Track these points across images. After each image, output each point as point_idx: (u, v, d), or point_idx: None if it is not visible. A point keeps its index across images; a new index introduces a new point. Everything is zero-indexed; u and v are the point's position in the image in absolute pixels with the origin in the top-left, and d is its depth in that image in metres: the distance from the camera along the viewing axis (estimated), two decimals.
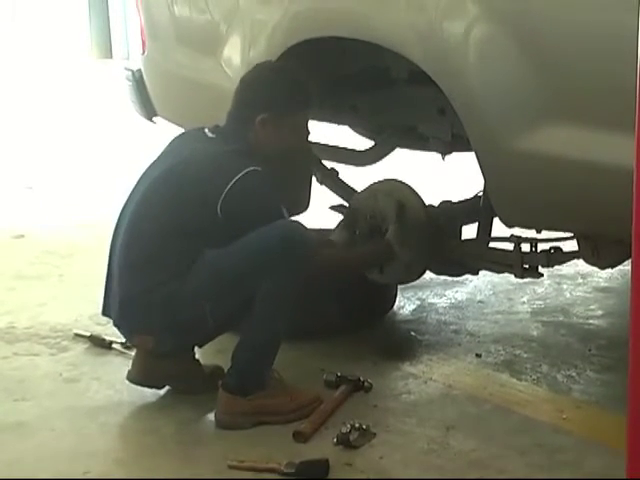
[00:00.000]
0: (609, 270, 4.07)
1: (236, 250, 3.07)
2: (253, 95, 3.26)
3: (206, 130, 3.29)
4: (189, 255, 3.09)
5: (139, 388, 3.33)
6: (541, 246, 3.44)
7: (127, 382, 3.34)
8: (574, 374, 3.46)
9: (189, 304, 3.09)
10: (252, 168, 3.10)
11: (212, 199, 3.08)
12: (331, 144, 3.99)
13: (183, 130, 3.58)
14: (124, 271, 3.19)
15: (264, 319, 3.07)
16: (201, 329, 3.22)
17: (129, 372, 3.31)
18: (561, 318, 4.02)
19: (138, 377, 3.29)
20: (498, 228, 3.50)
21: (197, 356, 3.37)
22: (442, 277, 4.17)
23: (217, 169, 3.14)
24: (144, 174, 3.33)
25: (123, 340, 3.70)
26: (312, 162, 3.83)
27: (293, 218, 3.31)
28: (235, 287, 3.09)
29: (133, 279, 3.17)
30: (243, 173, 3.08)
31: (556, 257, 3.44)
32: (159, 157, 3.35)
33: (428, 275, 3.95)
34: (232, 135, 3.24)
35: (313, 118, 3.48)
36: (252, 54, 3.76)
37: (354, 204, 3.72)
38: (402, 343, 3.81)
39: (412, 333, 3.87)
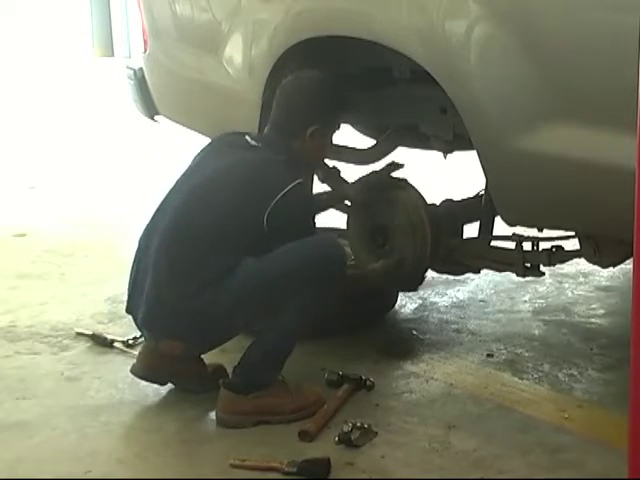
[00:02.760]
0: (611, 269, 4.06)
1: (276, 265, 3.07)
2: (301, 107, 3.27)
3: (248, 138, 3.29)
4: (227, 264, 3.07)
5: (141, 387, 3.34)
6: (543, 245, 3.44)
7: (129, 381, 3.35)
8: (576, 373, 3.46)
9: (225, 316, 3.08)
10: (300, 180, 3.12)
11: (259, 207, 3.07)
12: (333, 143, 3.99)
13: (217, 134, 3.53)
14: (160, 275, 3.15)
15: (285, 328, 3.08)
16: (230, 337, 3.26)
17: (133, 365, 3.31)
18: (563, 317, 4.02)
19: (142, 371, 3.29)
20: (500, 227, 3.51)
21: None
22: (444, 276, 4.17)
23: (266, 178, 3.14)
24: (183, 177, 3.31)
25: (125, 339, 3.71)
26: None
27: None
28: (269, 300, 3.08)
29: (169, 284, 3.13)
30: (292, 185, 3.08)
31: (558, 256, 3.44)
32: (200, 161, 3.34)
33: (430, 274, 3.95)
34: (276, 144, 3.24)
35: None
36: (254, 53, 3.77)
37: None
38: (403, 342, 3.80)
39: (413, 332, 3.87)
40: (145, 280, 3.20)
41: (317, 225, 3.32)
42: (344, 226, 3.83)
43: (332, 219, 3.96)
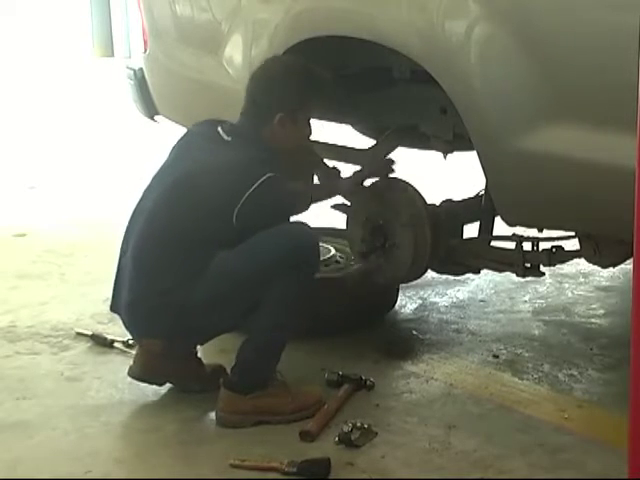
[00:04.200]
0: (611, 269, 4.06)
1: (246, 256, 3.07)
2: (267, 94, 3.23)
3: (220, 130, 3.25)
4: (200, 261, 3.08)
5: (141, 387, 3.34)
6: (543, 245, 3.44)
7: (129, 381, 3.34)
8: (576, 373, 3.46)
9: (200, 311, 3.09)
10: (269, 175, 3.08)
11: (229, 206, 3.07)
12: (333, 143, 3.99)
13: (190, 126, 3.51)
14: (134, 275, 3.18)
15: (271, 321, 3.07)
16: (210, 333, 3.25)
17: (130, 367, 3.31)
18: (563, 317, 4.02)
19: (139, 373, 3.29)
20: (500, 227, 3.50)
21: (199, 355, 3.37)
22: (444, 276, 4.17)
23: (235, 177, 3.11)
24: (157, 175, 3.31)
25: (124, 339, 3.70)
26: (315, 161, 3.83)
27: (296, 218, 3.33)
28: (245, 292, 3.08)
29: (143, 283, 3.16)
30: (260, 181, 3.06)
31: (558, 256, 3.44)
32: (173, 157, 3.34)
33: (430, 274, 3.95)
34: (248, 136, 3.21)
35: (315, 117, 3.47)
36: (254, 53, 3.76)
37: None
38: (403, 342, 3.80)
39: (413, 332, 3.87)
40: (124, 278, 3.23)
41: (293, 219, 3.30)
42: (344, 226, 3.83)
43: (333, 220, 3.97)
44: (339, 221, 3.90)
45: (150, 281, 3.15)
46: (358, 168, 3.68)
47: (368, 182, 3.79)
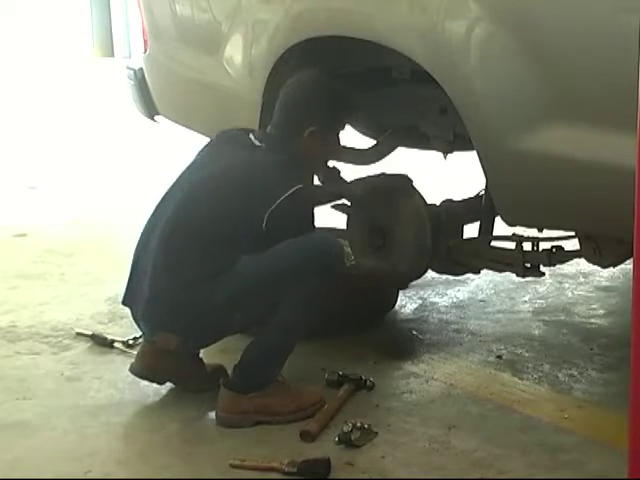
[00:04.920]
0: (611, 269, 4.07)
1: (272, 261, 3.08)
2: (299, 107, 3.27)
3: (251, 136, 3.29)
4: (224, 260, 3.09)
5: (141, 387, 3.34)
6: (543, 245, 3.44)
7: (129, 381, 3.35)
8: (576, 373, 3.46)
9: (221, 311, 3.10)
10: (300, 186, 3.11)
11: (259, 209, 3.08)
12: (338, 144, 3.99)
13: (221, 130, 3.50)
14: (158, 269, 3.17)
15: (284, 324, 3.08)
16: (224, 333, 3.26)
17: (132, 364, 3.31)
18: (563, 317, 4.02)
19: (141, 370, 3.28)
20: (500, 227, 3.51)
21: (200, 355, 3.37)
22: (444, 276, 4.17)
23: (267, 180, 3.13)
24: (184, 174, 3.32)
25: (125, 339, 3.71)
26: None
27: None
28: (266, 296, 3.10)
29: (168, 275, 3.15)
30: (293, 190, 3.08)
31: (558, 256, 3.44)
32: (202, 158, 3.35)
33: (430, 274, 3.95)
34: (277, 143, 3.24)
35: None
36: (254, 53, 3.77)
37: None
38: (403, 342, 3.80)
39: (413, 332, 3.87)
40: (144, 272, 3.22)
41: (316, 226, 3.32)
42: (344, 226, 3.84)
43: (332, 219, 3.97)
44: (339, 221, 3.90)
45: (175, 273, 3.14)
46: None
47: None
